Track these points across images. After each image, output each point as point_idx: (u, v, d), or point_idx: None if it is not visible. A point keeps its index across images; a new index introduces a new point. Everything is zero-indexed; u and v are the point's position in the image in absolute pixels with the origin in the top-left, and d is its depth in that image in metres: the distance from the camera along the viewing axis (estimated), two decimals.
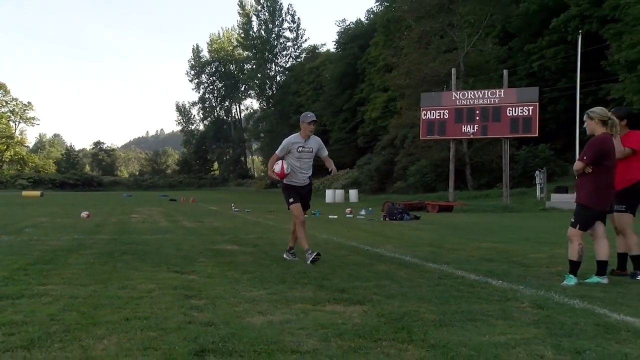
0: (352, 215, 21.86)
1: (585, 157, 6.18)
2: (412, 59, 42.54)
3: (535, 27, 41.83)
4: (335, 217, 20.98)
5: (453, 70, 30.97)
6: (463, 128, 27.44)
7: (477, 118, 26.96)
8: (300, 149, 8.10)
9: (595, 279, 6.30)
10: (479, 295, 5.50)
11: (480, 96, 27.27)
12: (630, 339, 3.92)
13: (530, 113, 26.03)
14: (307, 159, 8.17)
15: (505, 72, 29.11)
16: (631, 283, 6.32)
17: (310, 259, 7.65)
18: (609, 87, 32.22)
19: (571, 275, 6.26)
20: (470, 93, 27.94)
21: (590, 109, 6.45)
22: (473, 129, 27.26)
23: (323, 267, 7.44)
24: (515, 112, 26.14)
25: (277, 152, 8.16)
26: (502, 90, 27.17)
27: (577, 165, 6.27)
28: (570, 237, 6.29)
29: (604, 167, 6.18)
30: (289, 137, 8.28)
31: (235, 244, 10.54)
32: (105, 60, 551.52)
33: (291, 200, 8.09)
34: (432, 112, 28.08)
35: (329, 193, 41.47)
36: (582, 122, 6.63)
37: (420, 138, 30.39)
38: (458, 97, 27.74)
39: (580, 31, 29.37)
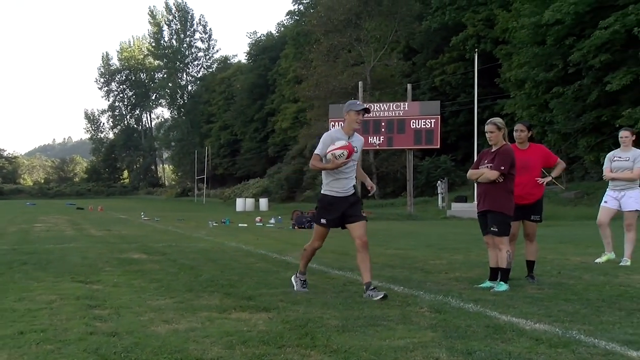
0: (261, 224, 21.88)
1: (502, 167, 6.32)
2: (321, 72, 43.29)
3: (436, 44, 43.73)
4: (245, 225, 20.95)
5: (360, 83, 31.69)
6: (370, 139, 28.09)
7: (383, 130, 27.69)
8: None
9: (500, 285, 6.50)
10: (381, 301, 5.69)
11: (386, 109, 28.04)
12: (514, 338, 4.19)
13: (433, 125, 27.01)
14: (353, 160, 6.14)
15: (409, 86, 30.13)
16: (519, 286, 6.70)
17: (378, 297, 5.74)
18: (503, 102, 34.12)
19: (502, 282, 6.45)
20: (377, 106, 28.70)
21: (496, 119, 6.61)
22: (379, 140, 27.96)
23: (230, 274, 7.46)
24: (418, 125, 27.04)
25: (317, 150, 6.14)
26: (407, 104, 28.09)
27: (493, 174, 6.33)
28: (499, 245, 6.40)
29: (511, 176, 6.43)
30: (329, 131, 6.40)
31: (143, 252, 10.35)
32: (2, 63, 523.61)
33: (323, 221, 6.13)
34: (340, 123, 28.54)
35: (239, 202, 41.28)
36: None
37: None
38: None
39: (476, 50, 30.95)
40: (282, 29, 70.69)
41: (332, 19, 42.70)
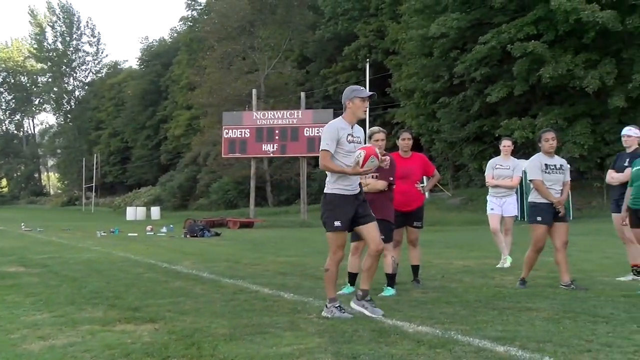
0: (152, 233, 21.34)
1: (391, 178, 6.48)
2: (215, 79, 42.91)
3: (329, 54, 44.56)
4: (136, 234, 20.35)
5: (254, 91, 31.70)
6: (263, 147, 28.12)
7: (277, 137, 27.79)
8: (350, 138, 5.44)
9: (387, 289, 6.68)
10: (271, 309, 5.71)
11: (280, 116, 28.19)
12: (398, 341, 4.34)
13: None
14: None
15: (302, 94, 30.49)
16: (405, 290, 6.94)
17: (375, 314, 5.31)
18: (394, 111, 35.25)
19: (389, 287, 6.62)
20: (270, 113, 28.83)
21: (379, 128, 6.75)
22: (273, 147, 28.05)
23: (117, 285, 7.22)
24: (312, 133, 27.34)
25: (325, 146, 5.34)
26: (300, 112, 28.39)
27: (383, 185, 6.43)
28: (385, 252, 6.38)
29: (393, 185, 6.62)
30: (331, 122, 5.59)
31: (20, 265, 9.81)
32: None
33: (338, 224, 5.38)
34: (233, 130, 28.42)
35: (129, 210, 40.06)
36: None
37: (222, 156, 30.62)
38: (259, 117, 28.44)
39: (368, 59, 31.80)
40: (175, 34, 69.43)
41: (226, 26, 42.45)
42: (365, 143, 5.63)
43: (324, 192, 5.52)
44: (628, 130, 7.46)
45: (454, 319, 5.19)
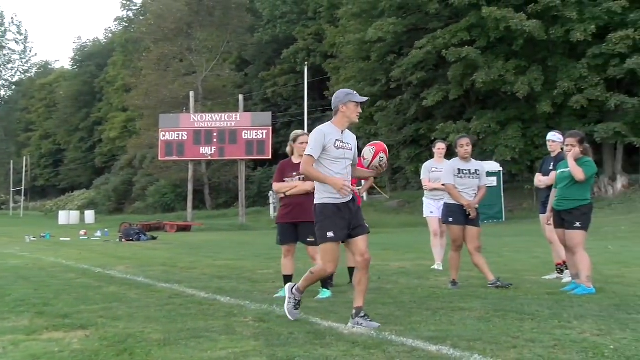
0: (86, 237, 20.81)
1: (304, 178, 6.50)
2: (151, 81, 42.20)
3: (268, 56, 44.54)
4: (68, 239, 19.77)
5: (191, 93, 31.36)
6: (201, 149, 27.82)
7: (215, 140, 27.55)
8: (338, 143, 5.10)
9: (324, 292, 6.73)
10: (206, 313, 5.64)
11: (218, 119, 27.96)
12: (333, 343, 4.36)
13: (264, 136, 27.37)
14: (348, 160, 5.19)
15: (241, 97, 30.35)
16: (342, 292, 6.97)
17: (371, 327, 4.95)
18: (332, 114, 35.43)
19: (325, 290, 6.68)
20: (208, 116, 28.56)
21: (303, 131, 6.84)
22: (211, 150, 27.78)
23: (46, 292, 6.99)
24: (250, 135, 27.24)
25: (309, 151, 5.04)
26: (238, 114, 28.23)
27: (311, 186, 6.19)
28: (315, 255, 6.50)
29: None
30: (319, 127, 5.20)
31: None
32: None
33: (330, 235, 5.01)
34: (170, 133, 28.00)
35: (62, 214, 38.97)
36: None
37: (159, 159, 30.13)
38: (196, 120, 28.13)
39: (306, 63, 31.90)
40: (110, 35, 68.01)
41: (163, 27, 41.84)
42: (355, 150, 5.28)
43: (314, 202, 5.16)
44: (552, 136, 7.76)
45: (388, 319, 5.26)
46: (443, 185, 7.41)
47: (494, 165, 23.51)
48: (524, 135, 25.02)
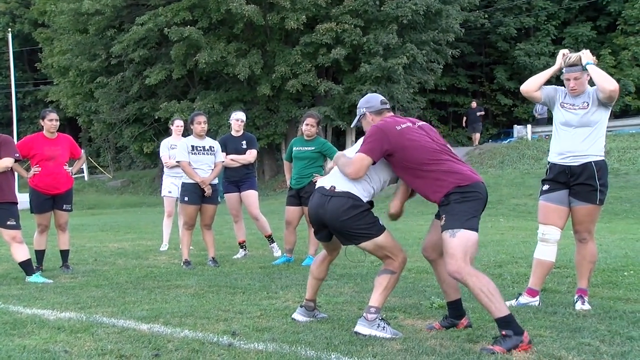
0: None
1: (17, 154, 6.35)
2: None
3: None
4: None
5: None
6: None
7: None
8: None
9: (33, 277, 6.33)
10: None
11: None
12: (35, 331, 4.11)
13: None
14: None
15: None
16: (53, 277, 6.55)
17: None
18: (47, 89, 32.72)
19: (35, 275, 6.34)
20: None
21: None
22: None
23: None
24: None
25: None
26: None
27: (10, 161, 6.21)
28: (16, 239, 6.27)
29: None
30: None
31: None
32: None
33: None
34: None
35: None
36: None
37: None
38: None
39: (10, 29, 28.82)
40: None
41: None
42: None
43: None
44: (243, 115, 8.18)
45: (101, 302, 5.13)
46: (177, 162, 7.44)
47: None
48: (247, 117, 25.80)
